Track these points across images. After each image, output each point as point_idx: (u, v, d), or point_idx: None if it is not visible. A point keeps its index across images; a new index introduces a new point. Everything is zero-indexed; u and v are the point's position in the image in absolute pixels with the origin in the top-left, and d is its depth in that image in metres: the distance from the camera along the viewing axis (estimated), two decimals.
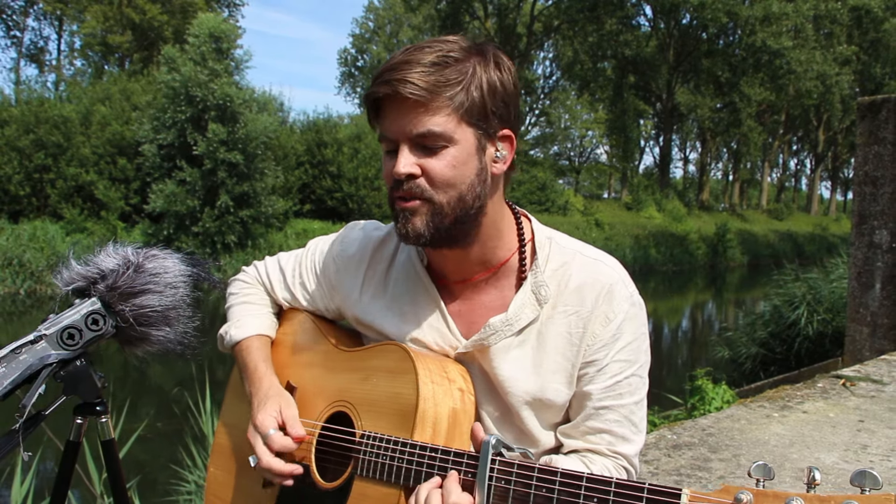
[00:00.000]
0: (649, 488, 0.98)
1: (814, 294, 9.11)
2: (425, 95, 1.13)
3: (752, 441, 3.37)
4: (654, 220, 36.72)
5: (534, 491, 1.06)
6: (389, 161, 1.20)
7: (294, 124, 28.05)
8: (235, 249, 21.57)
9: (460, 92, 1.14)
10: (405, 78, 1.12)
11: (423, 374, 1.22)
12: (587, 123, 53.94)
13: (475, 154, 1.19)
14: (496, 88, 1.18)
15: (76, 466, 1.37)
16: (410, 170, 1.16)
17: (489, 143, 1.21)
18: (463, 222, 1.21)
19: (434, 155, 1.16)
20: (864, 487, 0.88)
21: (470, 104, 1.15)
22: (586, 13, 38.34)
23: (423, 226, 1.18)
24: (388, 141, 1.19)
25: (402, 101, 1.14)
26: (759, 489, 0.91)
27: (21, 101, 22.88)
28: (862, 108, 6.53)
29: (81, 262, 1.29)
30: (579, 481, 1.03)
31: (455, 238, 1.22)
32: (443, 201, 1.18)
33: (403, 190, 1.18)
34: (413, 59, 1.14)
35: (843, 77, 41.13)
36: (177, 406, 4.66)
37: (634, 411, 1.27)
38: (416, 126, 1.14)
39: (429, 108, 1.14)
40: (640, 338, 1.29)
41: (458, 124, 1.16)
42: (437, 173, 1.16)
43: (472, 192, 1.19)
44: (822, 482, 0.91)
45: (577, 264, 1.29)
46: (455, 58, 1.15)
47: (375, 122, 1.21)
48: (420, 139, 1.15)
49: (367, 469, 1.23)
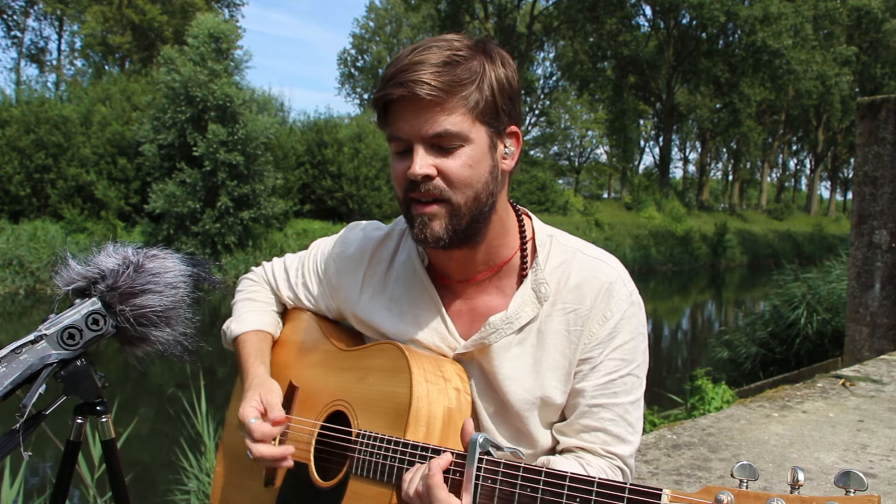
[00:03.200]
0: (630, 488, 0.98)
1: (813, 294, 9.11)
2: (441, 95, 1.12)
3: (752, 441, 3.37)
4: (653, 220, 36.71)
5: (518, 490, 1.06)
6: (401, 162, 1.19)
7: (294, 124, 28.04)
8: (235, 250, 21.57)
9: (474, 91, 1.14)
10: (420, 79, 1.11)
11: (418, 373, 1.22)
12: (587, 123, 53.89)
13: (488, 152, 1.19)
14: (504, 86, 1.18)
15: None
16: (427, 171, 1.15)
17: (499, 140, 1.21)
18: (477, 221, 1.21)
19: (450, 155, 1.16)
20: (848, 489, 0.87)
21: (483, 103, 1.15)
22: (586, 13, 38.33)
23: (441, 229, 1.18)
24: (399, 142, 1.18)
25: (417, 102, 1.13)
26: (741, 490, 0.91)
27: (21, 101, 22.86)
28: (862, 109, 6.54)
29: (81, 261, 1.29)
30: (563, 481, 1.03)
31: (469, 237, 1.22)
32: (460, 201, 1.17)
33: (421, 192, 1.17)
34: (423, 60, 1.13)
35: (842, 77, 41.14)
36: (174, 406, 4.66)
37: (630, 411, 1.27)
38: (433, 126, 1.14)
39: (444, 108, 1.13)
40: (638, 338, 1.28)
41: (473, 123, 1.16)
42: (454, 173, 1.16)
43: (487, 190, 1.19)
44: (821, 482, 0.90)
45: (577, 262, 1.29)
46: (463, 56, 1.15)
47: (385, 124, 1.20)
48: (436, 139, 1.15)
49: (361, 468, 1.23)
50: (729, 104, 41.92)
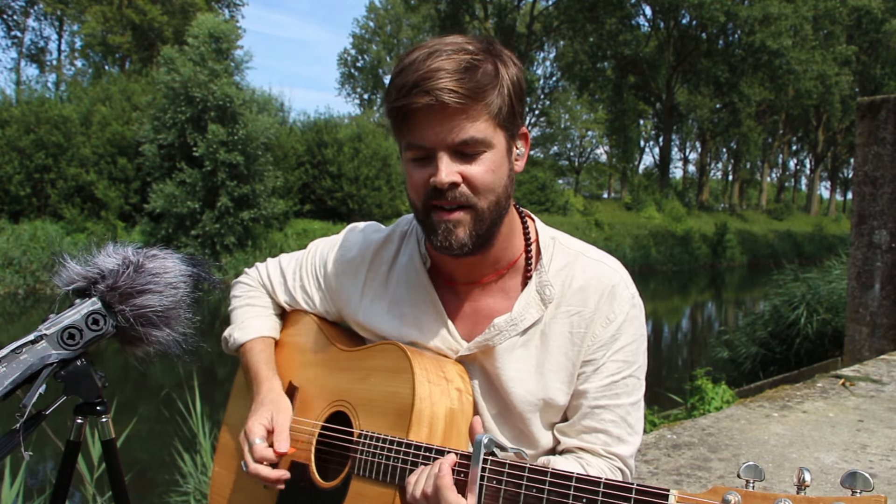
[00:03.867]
0: (637, 489, 0.98)
1: (813, 294, 9.11)
2: (467, 102, 1.11)
3: (752, 441, 3.37)
4: (653, 220, 36.70)
5: (524, 491, 1.06)
6: (421, 170, 1.17)
7: (294, 124, 28.03)
8: (235, 250, 21.57)
9: (496, 97, 1.14)
10: (445, 86, 1.09)
11: (420, 374, 1.22)
12: (587, 123, 53.92)
13: (506, 156, 1.19)
14: (517, 88, 1.18)
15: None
16: (454, 178, 1.14)
17: (513, 143, 1.21)
18: (495, 225, 1.21)
19: (473, 161, 1.15)
20: (854, 489, 0.87)
21: (506, 108, 1.15)
22: (586, 13, 38.33)
23: (466, 236, 1.18)
24: (420, 149, 1.16)
25: (441, 110, 1.11)
26: (748, 490, 0.91)
27: (22, 101, 22.87)
28: (862, 109, 6.54)
29: (81, 262, 1.29)
30: (569, 481, 1.03)
31: (487, 241, 1.22)
32: (484, 207, 1.17)
33: (447, 199, 1.16)
34: (441, 66, 1.11)
35: (842, 77, 41.13)
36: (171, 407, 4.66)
37: (631, 412, 1.27)
38: (459, 134, 1.13)
39: (469, 115, 1.12)
40: (639, 339, 1.29)
41: (495, 129, 1.15)
42: (479, 180, 1.15)
43: (506, 193, 1.20)
44: (821, 482, 0.90)
45: (580, 265, 1.29)
46: (479, 59, 1.14)
47: (404, 133, 1.16)
48: (461, 146, 1.14)
49: (363, 468, 1.23)
50: (729, 104, 41.92)
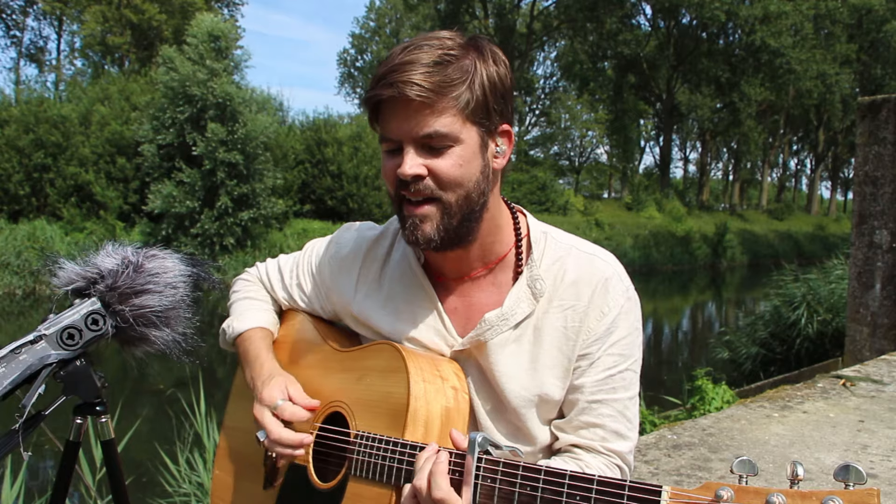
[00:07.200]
0: (630, 485, 0.98)
1: (814, 294, 9.12)
2: (431, 96, 1.12)
3: (753, 441, 3.37)
4: (654, 220, 36.69)
5: (518, 489, 1.06)
6: (391, 160, 1.19)
7: (294, 124, 28.02)
8: (235, 250, 21.54)
9: (465, 91, 1.14)
10: (409, 79, 1.11)
11: (415, 373, 1.21)
12: (587, 123, 53.86)
13: (479, 152, 1.19)
14: (496, 85, 1.17)
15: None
16: (417, 171, 1.15)
17: (490, 139, 1.21)
18: (469, 220, 1.21)
19: (440, 155, 1.16)
20: (847, 482, 0.86)
21: (474, 103, 1.15)
22: (586, 13, 38.33)
23: (432, 230, 1.18)
24: (390, 141, 1.18)
25: (407, 103, 1.13)
26: (741, 485, 0.91)
27: (21, 100, 22.88)
28: (862, 108, 6.53)
29: (80, 262, 1.29)
30: (562, 479, 1.03)
31: (461, 237, 1.22)
32: (451, 200, 1.18)
33: (411, 191, 1.17)
34: (414, 60, 1.12)
35: (843, 77, 41.13)
36: (174, 406, 4.66)
37: (628, 406, 1.27)
38: (423, 127, 1.14)
39: (434, 109, 1.13)
40: (634, 333, 1.29)
41: (464, 124, 1.15)
42: (444, 173, 1.16)
43: (478, 189, 1.19)
44: (822, 482, 0.90)
45: (572, 259, 1.29)
46: (455, 55, 1.14)
47: (376, 123, 1.20)
48: (426, 140, 1.15)
49: (360, 469, 1.23)
50: (729, 104, 41.89)
